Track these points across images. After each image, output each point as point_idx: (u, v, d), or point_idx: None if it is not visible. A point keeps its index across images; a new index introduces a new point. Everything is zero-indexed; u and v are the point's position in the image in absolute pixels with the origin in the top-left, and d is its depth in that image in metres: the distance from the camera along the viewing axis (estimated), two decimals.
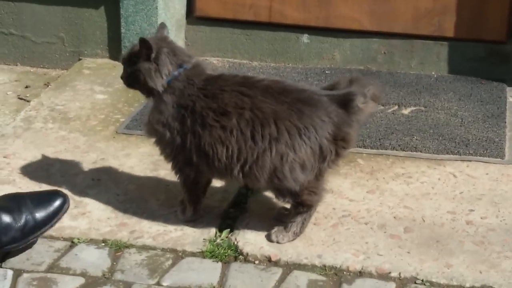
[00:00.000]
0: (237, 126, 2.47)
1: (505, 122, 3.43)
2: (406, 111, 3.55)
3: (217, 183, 2.81)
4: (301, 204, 2.56)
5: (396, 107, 3.60)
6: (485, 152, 3.17)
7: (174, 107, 2.53)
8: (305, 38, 4.06)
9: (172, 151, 2.58)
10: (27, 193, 2.64)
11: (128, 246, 2.62)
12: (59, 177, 3.00)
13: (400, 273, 2.47)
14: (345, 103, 2.48)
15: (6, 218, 2.50)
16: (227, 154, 2.49)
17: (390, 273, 2.48)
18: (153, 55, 2.52)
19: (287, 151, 2.45)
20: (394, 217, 2.76)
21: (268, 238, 2.62)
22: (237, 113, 2.47)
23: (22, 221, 2.50)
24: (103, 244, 2.63)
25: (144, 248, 2.61)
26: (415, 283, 2.45)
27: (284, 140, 2.45)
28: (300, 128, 2.45)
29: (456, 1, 3.85)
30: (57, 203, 2.58)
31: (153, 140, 2.64)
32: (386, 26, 3.95)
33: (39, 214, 2.53)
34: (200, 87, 2.54)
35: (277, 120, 2.45)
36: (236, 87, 2.51)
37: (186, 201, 2.72)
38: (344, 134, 2.49)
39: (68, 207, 2.61)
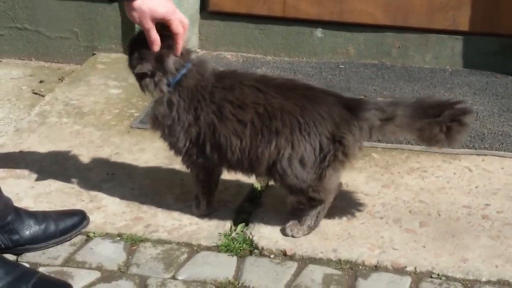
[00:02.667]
0: (252, 120, 2.48)
1: None
2: None
3: (231, 177, 2.81)
4: (312, 199, 2.57)
5: None
6: (500, 146, 3.17)
7: (186, 101, 2.54)
8: (319, 32, 4.06)
9: (185, 145, 2.59)
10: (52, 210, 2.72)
11: (143, 240, 2.63)
12: (73, 171, 3.01)
13: (415, 267, 2.48)
14: (354, 108, 2.47)
15: (29, 217, 2.55)
16: (241, 146, 2.51)
17: (405, 267, 2.48)
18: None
19: (285, 145, 2.46)
20: (410, 212, 2.76)
21: (283, 232, 2.62)
22: (253, 108, 2.48)
23: (44, 224, 2.56)
24: (119, 238, 2.64)
25: (159, 242, 2.62)
26: (431, 277, 2.45)
27: (285, 134, 2.46)
28: (301, 122, 2.46)
29: None
30: (78, 217, 2.64)
31: (159, 134, 2.65)
32: (401, 20, 3.94)
33: (61, 223, 2.59)
34: (215, 80, 2.55)
35: (283, 114, 2.46)
36: (254, 83, 2.53)
37: (199, 194, 2.72)
38: (342, 136, 2.46)
39: (87, 223, 2.66)
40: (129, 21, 3.94)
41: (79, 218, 2.64)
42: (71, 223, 2.61)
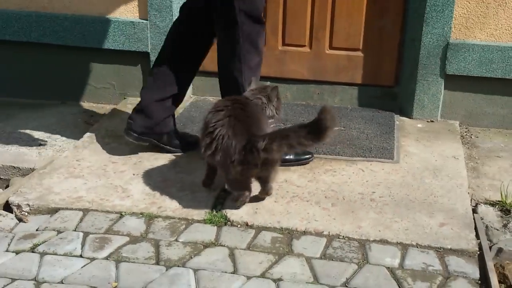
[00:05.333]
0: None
1: (394, 137, 3.44)
2: None
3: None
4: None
5: None
6: (381, 155, 3.20)
7: None
8: (268, 84, 4.06)
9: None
10: None
11: (156, 216, 2.61)
12: (112, 173, 2.98)
13: (329, 232, 2.50)
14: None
15: None
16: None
17: (323, 232, 2.50)
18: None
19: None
20: (325, 197, 2.77)
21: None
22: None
23: None
24: (141, 215, 2.62)
25: (167, 217, 2.61)
26: (338, 238, 2.47)
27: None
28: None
29: (363, 62, 3.89)
30: None
31: None
32: (319, 76, 3.97)
33: None
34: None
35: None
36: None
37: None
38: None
39: None
40: (148, 77, 3.94)
41: None
42: None
